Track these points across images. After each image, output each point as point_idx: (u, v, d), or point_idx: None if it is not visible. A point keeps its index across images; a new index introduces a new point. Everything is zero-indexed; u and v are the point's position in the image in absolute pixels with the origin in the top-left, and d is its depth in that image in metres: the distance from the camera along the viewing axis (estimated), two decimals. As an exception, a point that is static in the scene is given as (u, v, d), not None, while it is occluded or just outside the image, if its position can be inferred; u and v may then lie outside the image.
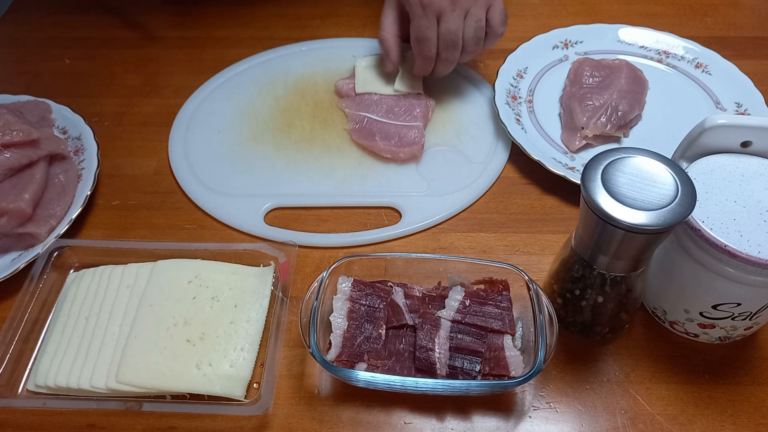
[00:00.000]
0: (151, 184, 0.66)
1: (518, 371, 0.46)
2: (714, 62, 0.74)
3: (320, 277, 0.49)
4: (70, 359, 0.49)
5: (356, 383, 0.47)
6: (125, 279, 0.53)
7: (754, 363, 0.51)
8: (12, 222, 0.56)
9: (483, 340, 0.49)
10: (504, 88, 0.71)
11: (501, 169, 0.66)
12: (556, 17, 0.85)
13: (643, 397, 0.49)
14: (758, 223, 0.42)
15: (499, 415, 0.48)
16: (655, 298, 0.52)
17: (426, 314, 0.50)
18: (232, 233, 0.61)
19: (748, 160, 0.46)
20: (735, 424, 0.47)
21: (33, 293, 0.52)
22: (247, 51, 0.80)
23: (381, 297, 0.51)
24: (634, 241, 0.40)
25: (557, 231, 0.60)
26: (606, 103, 0.66)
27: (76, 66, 0.81)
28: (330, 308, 0.50)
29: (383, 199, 0.63)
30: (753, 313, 0.46)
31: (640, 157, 0.41)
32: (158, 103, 0.75)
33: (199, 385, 0.47)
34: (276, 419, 0.48)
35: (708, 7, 0.87)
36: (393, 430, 0.48)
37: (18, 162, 0.59)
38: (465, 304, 0.50)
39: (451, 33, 0.63)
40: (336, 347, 0.48)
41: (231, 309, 0.51)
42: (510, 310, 0.50)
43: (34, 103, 0.70)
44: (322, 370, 0.51)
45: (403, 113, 0.69)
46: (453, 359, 0.48)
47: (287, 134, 0.70)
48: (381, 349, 0.48)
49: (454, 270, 0.52)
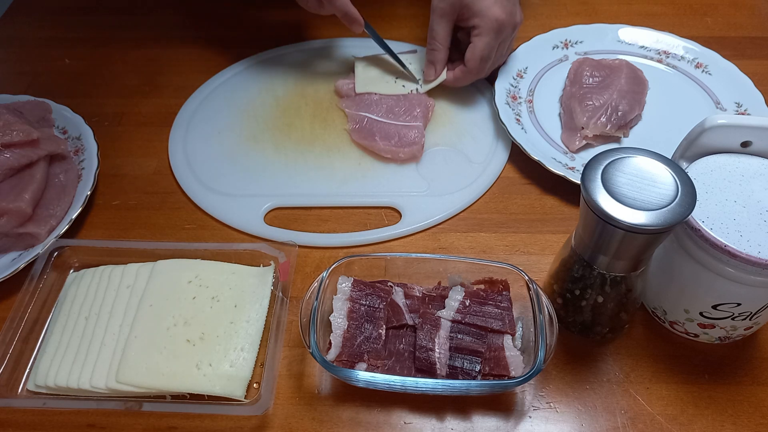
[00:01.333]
0: (151, 184, 0.66)
1: (518, 371, 0.46)
2: (714, 62, 0.74)
3: (320, 277, 0.49)
4: (70, 359, 0.49)
5: (356, 383, 0.47)
6: (125, 279, 0.53)
7: (754, 363, 0.51)
8: (12, 222, 0.56)
9: (483, 340, 0.49)
10: (504, 88, 0.71)
11: (501, 169, 0.66)
12: (556, 17, 0.85)
13: (643, 397, 0.49)
14: (758, 223, 0.42)
15: (499, 415, 0.48)
16: (655, 298, 0.52)
17: (426, 314, 0.50)
18: (232, 233, 0.61)
19: (748, 160, 0.46)
20: (735, 424, 0.47)
21: (33, 293, 0.52)
22: (247, 51, 0.81)
23: (381, 297, 0.51)
24: (634, 241, 0.40)
25: (557, 231, 0.60)
26: (606, 103, 0.66)
27: (76, 66, 0.81)
28: (330, 308, 0.50)
29: (383, 199, 0.63)
30: (753, 313, 0.46)
31: (640, 157, 0.41)
32: (158, 103, 0.75)
33: (199, 385, 0.47)
34: (276, 419, 0.48)
35: (708, 7, 0.87)
36: (393, 430, 0.48)
37: (18, 162, 0.59)
38: (465, 304, 0.50)
39: (503, 56, 0.70)
40: (336, 347, 0.48)
41: (231, 309, 0.51)
42: (510, 310, 0.50)
43: (34, 103, 0.70)
44: (322, 370, 0.51)
45: (403, 113, 0.69)
46: (453, 359, 0.48)
47: (287, 134, 0.70)
48: (381, 349, 0.48)
49: (454, 270, 0.52)
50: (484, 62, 0.66)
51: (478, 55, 0.65)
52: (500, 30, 0.64)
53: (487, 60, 0.66)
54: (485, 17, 0.63)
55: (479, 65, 0.66)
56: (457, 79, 0.69)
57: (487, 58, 0.66)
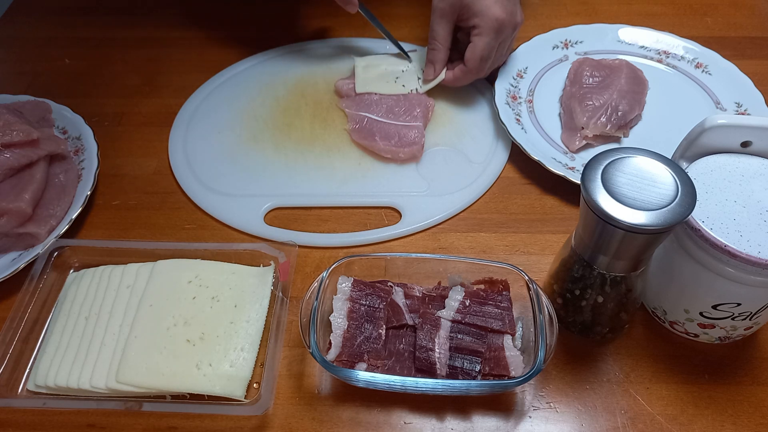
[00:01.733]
0: (151, 184, 0.66)
1: (518, 371, 0.46)
2: (714, 62, 0.74)
3: (320, 277, 0.49)
4: (70, 359, 0.49)
5: (356, 383, 0.47)
6: (125, 279, 0.53)
7: (754, 363, 0.51)
8: (12, 222, 0.56)
9: (483, 340, 0.48)
10: (504, 88, 0.71)
11: (501, 169, 0.66)
12: (556, 17, 0.85)
13: (643, 397, 0.49)
14: (758, 223, 0.42)
15: (499, 415, 0.48)
16: (655, 298, 0.52)
17: (426, 314, 0.50)
18: (232, 233, 0.61)
19: (748, 160, 0.46)
20: (735, 424, 0.47)
21: (33, 293, 0.52)
22: (247, 51, 0.81)
23: (381, 297, 0.51)
24: (634, 241, 0.40)
25: (557, 231, 0.60)
26: (606, 103, 0.66)
27: (76, 66, 0.81)
28: (330, 308, 0.50)
29: (383, 199, 0.63)
30: (753, 313, 0.46)
31: (640, 157, 0.41)
32: (158, 103, 0.75)
33: (199, 385, 0.47)
34: (276, 419, 0.48)
35: (708, 7, 0.87)
36: (393, 430, 0.48)
37: (18, 162, 0.59)
38: (465, 304, 0.50)
39: (503, 56, 0.70)
40: (336, 347, 0.48)
41: (231, 309, 0.51)
42: (510, 310, 0.50)
43: (34, 103, 0.70)
44: (322, 370, 0.51)
45: (403, 113, 0.69)
46: (453, 359, 0.48)
47: (287, 134, 0.70)
48: (381, 349, 0.48)
49: (454, 270, 0.52)
50: (483, 62, 0.66)
51: (478, 55, 0.65)
52: (500, 30, 0.64)
53: (487, 60, 0.66)
54: (485, 17, 0.63)
55: (479, 65, 0.66)
56: (456, 78, 0.69)
57: (486, 58, 0.66)
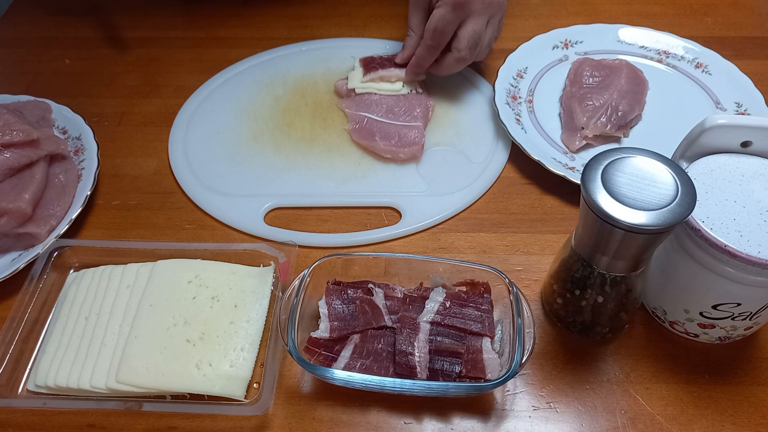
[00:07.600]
0: (151, 184, 0.66)
1: (494, 374, 0.46)
2: (714, 62, 0.74)
3: (302, 274, 0.49)
4: (70, 359, 0.49)
5: (333, 382, 0.47)
6: (125, 279, 0.53)
7: (754, 363, 0.51)
8: (12, 222, 0.56)
9: (462, 341, 0.48)
10: (504, 88, 0.71)
11: (501, 169, 0.66)
12: (556, 17, 0.85)
13: (643, 397, 0.49)
14: (758, 223, 0.42)
15: (499, 415, 0.48)
16: (655, 298, 0.52)
17: (405, 318, 0.49)
18: (232, 233, 0.61)
19: (748, 160, 0.46)
20: (735, 424, 0.47)
21: (33, 293, 0.52)
22: (247, 51, 0.81)
23: (361, 298, 0.51)
24: (634, 241, 0.40)
25: (557, 231, 0.60)
26: (606, 103, 0.66)
27: (76, 66, 0.81)
28: (313, 306, 0.50)
29: (383, 199, 0.63)
30: (753, 313, 0.46)
31: (640, 157, 0.41)
32: (158, 103, 0.75)
33: (199, 385, 0.47)
34: (276, 419, 0.48)
35: (708, 7, 0.87)
36: (393, 430, 0.48)
37: (18, 162, 0.59)
38: (445, 306, 0.50)
39: (476, 34, 0.66)
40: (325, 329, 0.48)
41: (231, 309, 0.51)
42: (490, 312, 0.50)
43: (34, 103, 0.70)
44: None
45: (403, 113, 0.69)
46: (433, 362, 0.47)
47: (287, 134, 0.70)
48: (360, 347, 0.49)
49: (437, 271, 0.52)
50: (438, 34, 0.65)
51: (431, 27, 0.65)
52: (460, 6, 0.64)
53: (441, 33, 0.65)
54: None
55: (431, 36, 0.66)
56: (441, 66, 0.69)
57: (440, 31, 0.65)
